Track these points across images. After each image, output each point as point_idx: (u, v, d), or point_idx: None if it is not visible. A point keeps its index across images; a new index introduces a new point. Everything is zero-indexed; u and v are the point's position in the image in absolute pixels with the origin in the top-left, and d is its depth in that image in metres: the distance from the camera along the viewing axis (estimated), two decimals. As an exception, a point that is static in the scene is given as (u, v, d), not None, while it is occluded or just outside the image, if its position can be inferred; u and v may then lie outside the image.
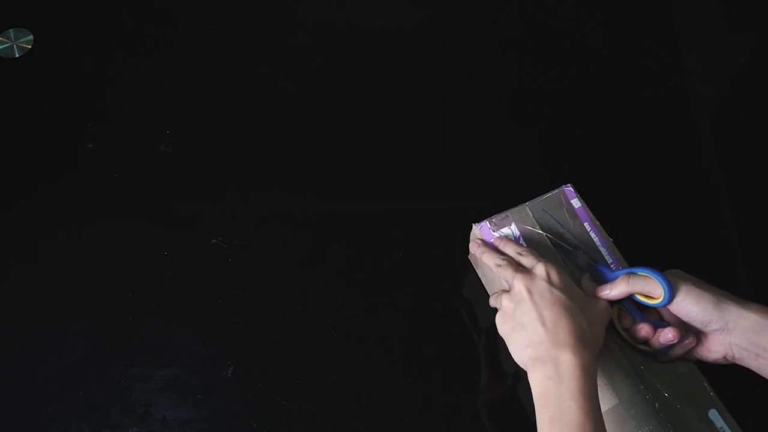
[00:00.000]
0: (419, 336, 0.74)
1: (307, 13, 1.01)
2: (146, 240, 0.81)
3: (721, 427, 0.58)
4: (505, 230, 0.69)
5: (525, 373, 0.57)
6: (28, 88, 0.94)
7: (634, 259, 0.67)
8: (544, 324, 0.55)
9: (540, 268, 0.59)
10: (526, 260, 0.62)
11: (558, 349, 0.53)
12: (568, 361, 0.52)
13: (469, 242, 0.74)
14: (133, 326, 0.75)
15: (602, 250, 0.68)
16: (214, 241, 0.81)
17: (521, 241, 0.68)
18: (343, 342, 0.74)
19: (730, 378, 0.60)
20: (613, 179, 0.84)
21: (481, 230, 0.70)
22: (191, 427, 0.69)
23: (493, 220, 0.70)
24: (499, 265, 0.63)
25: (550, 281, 0.57)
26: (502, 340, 0.61)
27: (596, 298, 0.59)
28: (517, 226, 0.69)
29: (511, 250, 0.65)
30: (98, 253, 0.80)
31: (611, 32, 0.99)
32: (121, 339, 0.74)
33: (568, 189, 0.72)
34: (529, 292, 0.57)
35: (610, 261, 0.67)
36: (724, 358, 0.58)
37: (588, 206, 0.71)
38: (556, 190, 0.72)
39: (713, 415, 0.59)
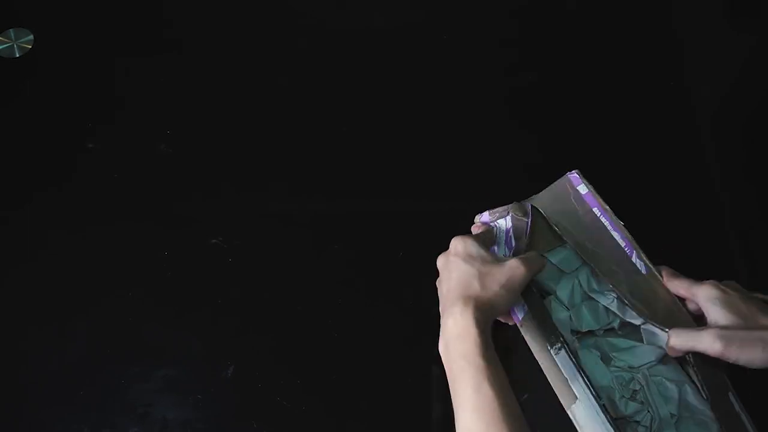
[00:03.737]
0: (420, 336, 0.74)
1: (307, 13, 1.01)
2: (146, 240, 0.81)
3: (738, 411, 0.58)
4: (501, 222, 0.69)
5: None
6: (28, 88, 0.94)
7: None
8: (446, 294, 0.57)
9: (451, 244, 0.61)
10: None
11: (445, 316, 0.55)
12: (450, 327, 0.54)
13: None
14: (133, 326, 0.75)
15: (614, 234, 0.67)
16: (214, 241, 0.81)
17: (510, 234, 0.67)
18: (343, 342, 0.74)
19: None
20: (614, 179, 0.84)
21: (481, 220, 0.70)
22: (191, 427, 0.69)
23: (495, 210, 0.70)
24: None
25: (455, 252, 0.60)
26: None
27: (506, 258, 0.60)
28: (511, 219, 0.68)
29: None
30: (98, 253, 0.80)
31: (611, 32, 0.99)
32: (121, 339, 0.74)
33: (573, 176, 0.71)
34: (442, 268, 0.60)
35: (623, 244, 0.66)
36: None
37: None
38: (561, 178, 0.71)
39: (732, 397, 0.59)
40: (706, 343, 0.55)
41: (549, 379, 0.59)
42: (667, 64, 0.95)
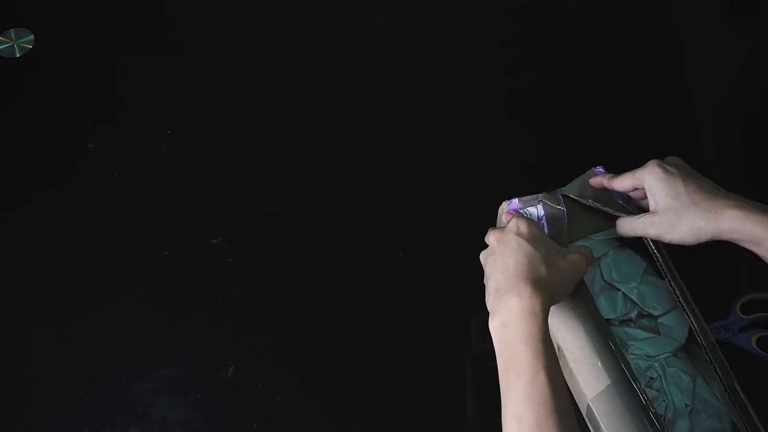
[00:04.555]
0: (419, 336, 0.74)
1: (307, 13, 1.01)
2: (146, 240, 0.81)
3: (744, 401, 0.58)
4: (531, 209, 0.68)
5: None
6: (28, 88, 0.94)
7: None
8: (504, 271, 0.56)
9: (512, 223, 0.60)
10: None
11: (510, 294, 0.53)
12: (515, 305, 0.52)
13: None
14: (133, 326, 0.75)
15: None
16: (214, 241, 0.81)
17: (543, 222, 0.67)
18: (343, 342, 0.74)
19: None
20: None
21: (510, 208, 0.70)
22: (191, 427, 0.69)
23: (523, 198, 0.70)
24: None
25: (518, 232, 0.58)
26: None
27: (570, 252, 0.60)
28: (543, 207, 0.68)
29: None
30: (98, 253, 0.80)
31: (611, 32, 0.99)
32: (121, 339, 0.74)
33: (599, 170, 0.72)
34: (498, 243, 0.59)
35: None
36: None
37: None
38: (587, 172, 0.72)
39: (738, 387, 0.59)
40: (642, 229, 0.61)
41: (577, 364, 0.59)
42: (667, 64, 0.95)
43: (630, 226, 0.63)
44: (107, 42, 0.98)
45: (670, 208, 0.60)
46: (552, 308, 0.61)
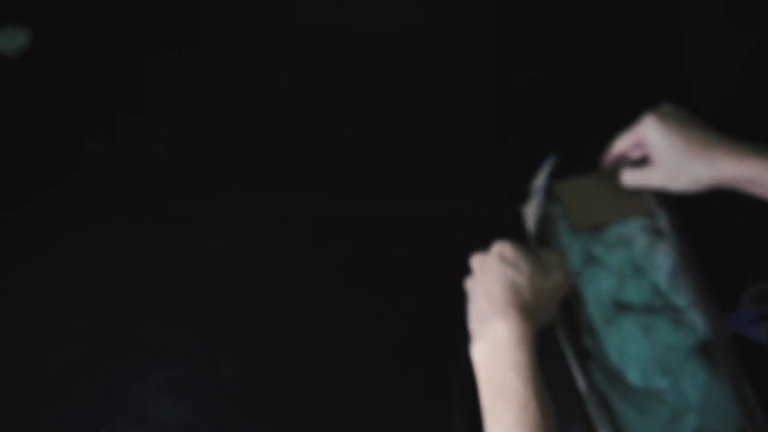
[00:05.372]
0: (419, 336, 0.74)
1: (307, 13, 1.01)
2: (146, 240, 0.81)
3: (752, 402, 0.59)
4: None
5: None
6: (24, 88, 0.94)
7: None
8: (488, 297, 0.56)
9: (495, 247, 0.60)
10: None
11: (495, 319, 0.53)
12: (503, 332, 0.52)
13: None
14: (133, 326, 0.75)
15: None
16: (214, 241, 0.81)
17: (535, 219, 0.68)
18: (343, 342, 0.74)
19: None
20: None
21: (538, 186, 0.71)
22: (191, 427, 0.70)
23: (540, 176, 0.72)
24: None
25: (501, 257, 0.58)
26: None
27: (550, 272, 0.59)
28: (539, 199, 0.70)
29: None
30: (98, 253, 0.80)
31: (612, 32, 0.99)
32: (121, 339, 0.75)
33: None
34: (481, 269, 0.59)
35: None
36: None
37: None
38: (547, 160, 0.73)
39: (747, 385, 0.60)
40: (644, 180, 0.64)
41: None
42: (667, 64, 0.95)
43: (633, 177, 0.65)
44: (106, 42, 0.98)
45: (668, 159, 0.62)
46: None
